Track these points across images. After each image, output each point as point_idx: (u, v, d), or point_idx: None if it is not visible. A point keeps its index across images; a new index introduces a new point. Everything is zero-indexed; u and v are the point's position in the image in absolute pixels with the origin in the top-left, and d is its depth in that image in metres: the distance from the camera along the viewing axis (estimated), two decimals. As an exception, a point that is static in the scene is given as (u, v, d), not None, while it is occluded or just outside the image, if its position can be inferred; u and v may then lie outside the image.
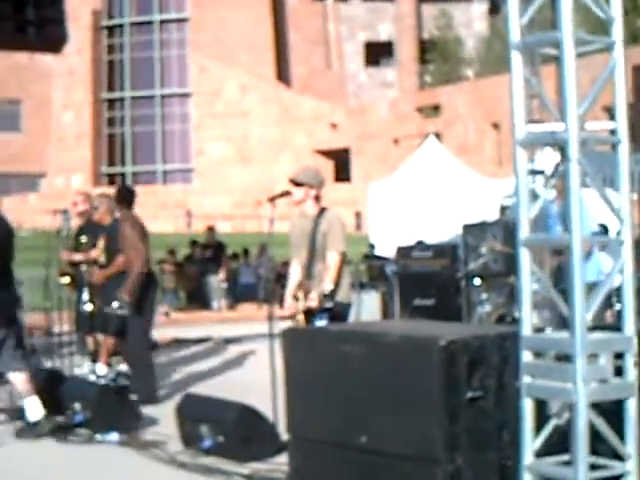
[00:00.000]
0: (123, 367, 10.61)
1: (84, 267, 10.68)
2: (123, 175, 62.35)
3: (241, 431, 6.74)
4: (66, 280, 10.91)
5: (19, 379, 7.79)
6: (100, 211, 10.10)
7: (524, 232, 4.68)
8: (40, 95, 62.64)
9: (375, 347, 5.19)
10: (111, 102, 63.68)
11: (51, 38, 12.23)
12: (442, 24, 66.55)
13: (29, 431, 7.73)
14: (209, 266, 20.82)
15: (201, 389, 9.36)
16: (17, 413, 8.31)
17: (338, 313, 7.09)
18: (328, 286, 7.07)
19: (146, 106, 62.74)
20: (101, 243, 10.21)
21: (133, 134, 62.99)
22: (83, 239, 10.70)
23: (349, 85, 66.79)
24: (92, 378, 10.29)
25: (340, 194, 40.63)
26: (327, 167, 54.15)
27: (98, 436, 7.60)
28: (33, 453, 7.41)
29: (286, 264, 14.56)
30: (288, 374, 5.75)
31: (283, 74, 63.17)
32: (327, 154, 57.19)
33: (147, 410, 8.33)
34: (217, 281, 20.54)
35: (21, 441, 7.71)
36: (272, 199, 7.36)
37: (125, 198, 9.82)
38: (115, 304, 9.62)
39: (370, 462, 5.12)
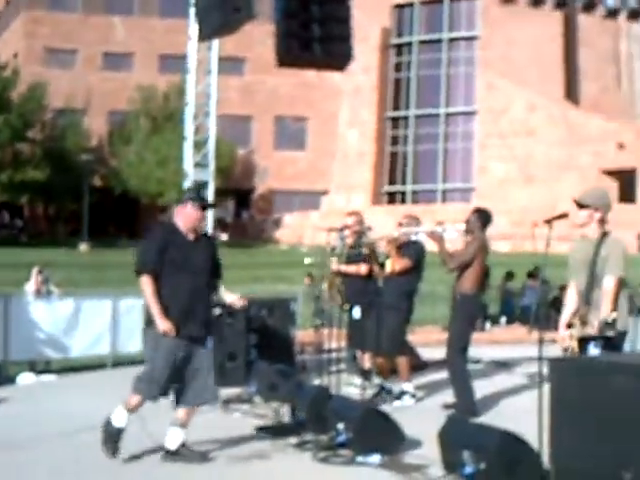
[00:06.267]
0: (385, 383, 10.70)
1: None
2: (403, 194, 62.73)
3: (503, 458, 6.37)
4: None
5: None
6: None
7: None
8: (326, 113, 64.24)
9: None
10: (395, 120, 64.29)
11: (337, 55, 12.44)
12: None
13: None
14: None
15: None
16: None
17: (613, 342, 6.76)
18: (610, 314, 6.77)
19: (430, 124, 62.79)
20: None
21: (415, 153, 63.29)
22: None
23: (638, 104, 64.31)
24: (358, 395, 10.33)
25: (623, 215, 39.16)
26: (613, 188, 52.22)
27: (360, 458, 7.52)
28: (293, 472, 7.44)
29: (563, 288, 14.07)
30: (555, 404, 5.54)
31: (572, 93, 61.60)
32: (613, 174, 55.18)
33: (411, 431, 8.15)
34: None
35: (283, 458, 7.77)
36: (549, 221, 7.02)
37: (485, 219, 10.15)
38: None
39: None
